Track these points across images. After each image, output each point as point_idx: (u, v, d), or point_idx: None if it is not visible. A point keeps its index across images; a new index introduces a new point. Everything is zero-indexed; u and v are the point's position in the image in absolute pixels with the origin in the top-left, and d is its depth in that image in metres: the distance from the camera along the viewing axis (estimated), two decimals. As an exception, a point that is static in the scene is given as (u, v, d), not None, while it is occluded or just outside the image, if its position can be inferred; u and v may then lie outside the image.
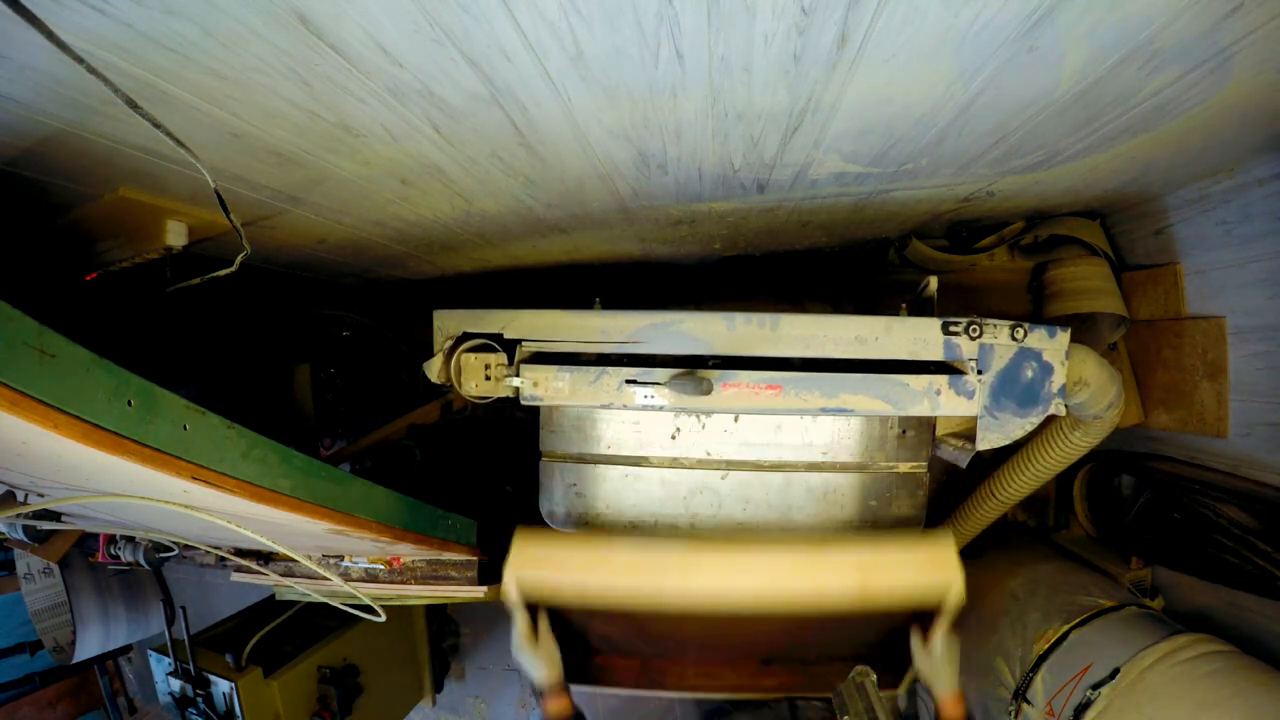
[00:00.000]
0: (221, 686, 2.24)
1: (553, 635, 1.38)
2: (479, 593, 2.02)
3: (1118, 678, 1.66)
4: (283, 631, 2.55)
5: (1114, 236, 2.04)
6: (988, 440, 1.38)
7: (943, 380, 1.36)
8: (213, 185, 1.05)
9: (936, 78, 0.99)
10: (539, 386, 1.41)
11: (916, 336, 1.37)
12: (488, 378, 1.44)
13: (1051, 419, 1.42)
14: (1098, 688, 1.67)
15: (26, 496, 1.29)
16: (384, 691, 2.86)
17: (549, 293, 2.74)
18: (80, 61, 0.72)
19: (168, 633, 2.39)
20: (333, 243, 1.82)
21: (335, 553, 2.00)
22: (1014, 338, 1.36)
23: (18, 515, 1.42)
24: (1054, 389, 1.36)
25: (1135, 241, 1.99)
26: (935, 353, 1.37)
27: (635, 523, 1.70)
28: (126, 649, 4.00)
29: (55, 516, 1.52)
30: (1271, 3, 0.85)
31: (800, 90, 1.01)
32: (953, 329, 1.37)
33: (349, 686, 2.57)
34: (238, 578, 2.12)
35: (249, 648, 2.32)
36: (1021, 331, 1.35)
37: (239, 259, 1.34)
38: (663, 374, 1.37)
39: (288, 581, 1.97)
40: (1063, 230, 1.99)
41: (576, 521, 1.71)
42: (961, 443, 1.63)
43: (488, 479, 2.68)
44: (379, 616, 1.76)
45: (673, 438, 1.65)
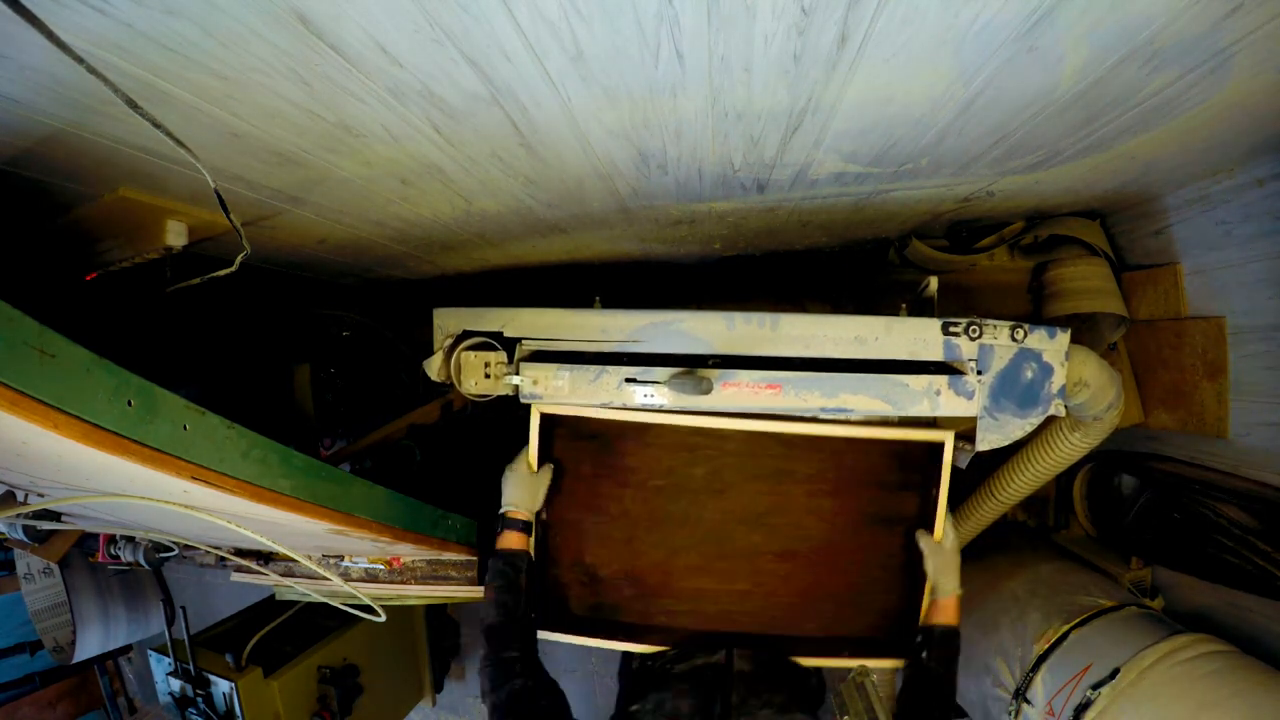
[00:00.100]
0: (221, 686, 2.24)
1: (548, 481, 1.53)
2: (479, 593, 2.02)
3: (1118, 678, 1.66)
4: (283, 631, 2.55)
5: (1114, 236, 2.04)
6: (987, 441, 1.38)
7: (942, 380, 1.36)
8: (213, 185, 1.05)
9: (936, 77, 0.99)
10: (539, 384, 1.41)
11: (916, 337, 1.37)
12: (487, 376, 1.44)
13: (1051, 420, 1.41)
14: (1098, 688, 1.67)
15: (26, 496, 1.29)
16: (384, 691, 2.86)
17: (549, 292, 2.74)
18: (80, 61, 0.72)
19: (168, 633, 2.39)
20: (333, 243, 1.82)
21: (335, 553, 2.00)
22: (1014, 338, 1.36)
23: (18, 515, 1.42)
24: (1054, 390, 1.36)
25: (1135, 241, 1.99)
26: (935, 353, 1.37)
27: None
28: (126, 649, 4.00)
29: (55, 516, 1.52)
30: (1271, 3, 0.85)
31: (800, 90, 1.01)
32: (953, 329, 1.37)
33: (349, 686, 2.57)
34: (238, 578, 2.12)
35: (249, 648, 2.32)
36: (1021, 332, 1.35)
37: (239, 259, 1.34)
38: (662, 373, 1.37)
39: (288, 581, 1.97)
40: (1063, 230, 1.99)
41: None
42: (961, 443, 1.63)
43: (488, 479, 2.67)
44: (379, 616, 1.76)
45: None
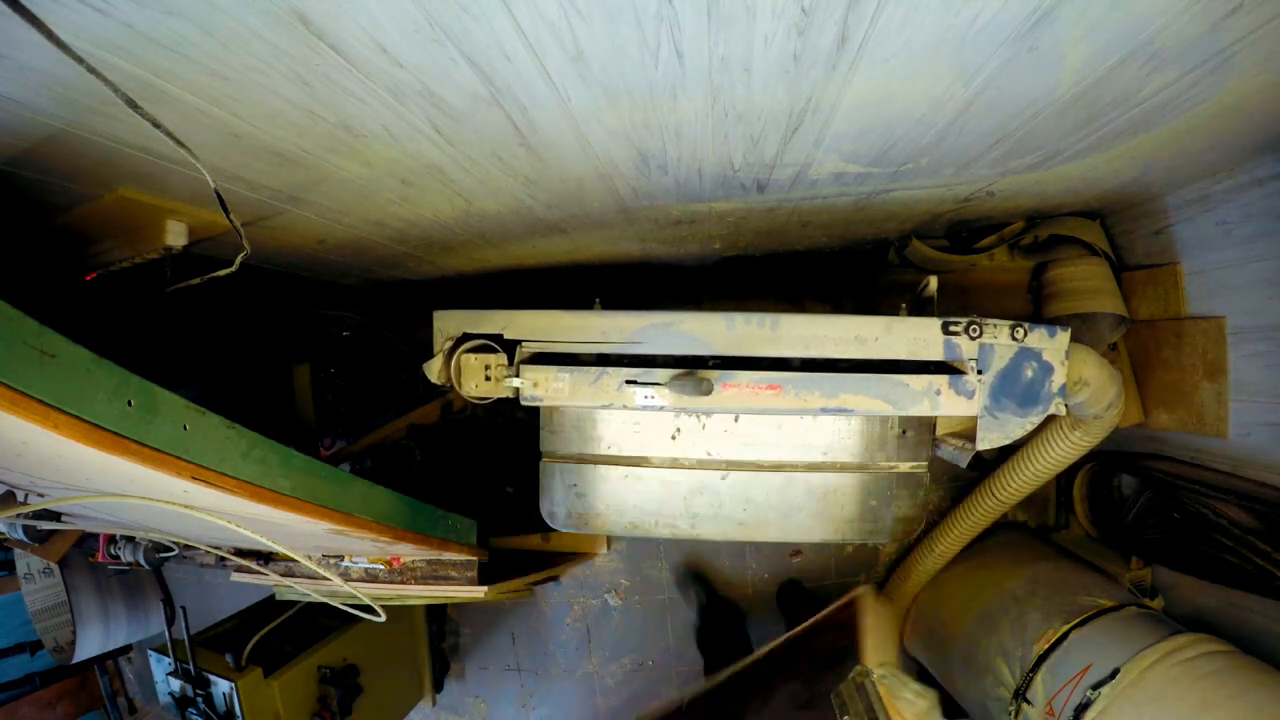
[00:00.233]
0: (221, 686, 2.24)
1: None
2: (479, 593, 2.02)
3: (1118, 678, 1.66)
4: (283, 631, 2.54)
5: (1114, 236, 2.04)
6: (988, 440, 1.38)
7: (943, 380, 1.36)
8: (213, 185, 1.05)
9: (936, 78, 0.99)
10: (539, 387, 1.41)
11: (916, 336, 1.37)
12: (488, 378, 1.43)
13: (1051, 419, 1.42)
14: (1098, 688, 1.67)
15: (26, 496, 1.29)
16: (384, 691, 2.86)
17: (549, 293, 2.74)
18: (80, 61, 0.72)
19: (168, 633, 2.39)
20: (333, 243, 1.82)
21: (335, 553, 2.00)
22: (1014, 337, 1.36)
23: (18, 515, 1.42)
24: (1054, 389, 1.36)
25: (1135, 241, 1.99)
26: (935, 353, 1.37)
27: (636, 523, 1.70)
28: (126, 649, 3.99)
29: (55, 516, 1.51)
30: (1271, 3, 0.85)
31: (800, 90, 1.01)
32: (953, 329, 1.37)
33: (349, 686, 2.57)
34: (238, 578, 2.12)
35: (249, 648, 2.32)
36: (1021, 331, 1.35)
37: (239, 259, 1.34)
38: (663, 374, 1.37)
39: (288, 581, 1.97)
40: (1063, 230, 1.99)
41: (577, 522, 1.71)
42: (961, 443, 1.63)
43: (488, 479, 2.68)
44: (379, 616, 1.76)
45: (673, 438, 1.65)
